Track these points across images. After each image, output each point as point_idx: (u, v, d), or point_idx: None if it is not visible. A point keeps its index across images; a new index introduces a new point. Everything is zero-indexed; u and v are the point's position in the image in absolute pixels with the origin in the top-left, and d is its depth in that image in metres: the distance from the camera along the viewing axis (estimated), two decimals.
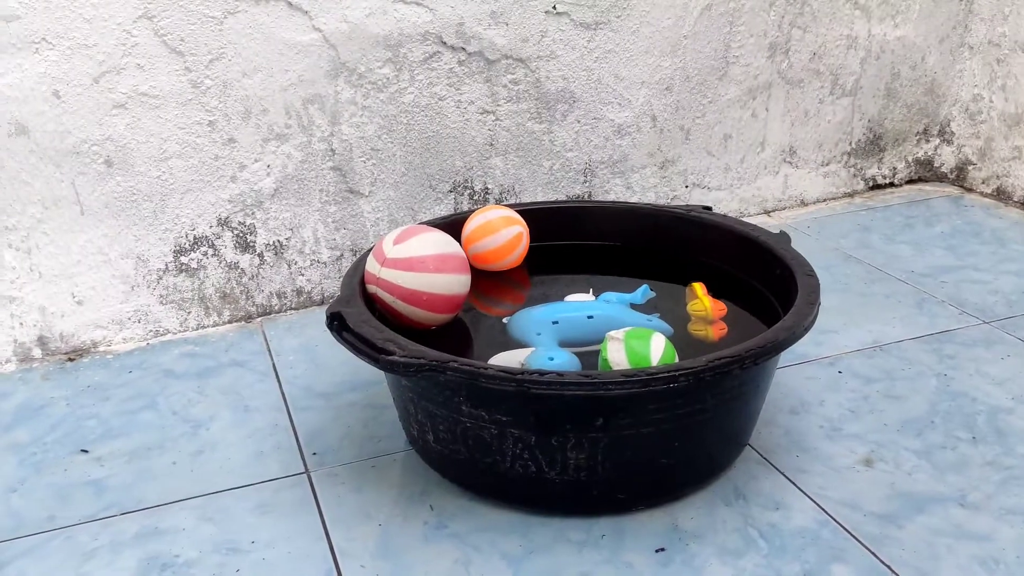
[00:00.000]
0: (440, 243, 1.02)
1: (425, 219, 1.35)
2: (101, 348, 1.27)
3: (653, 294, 1.10)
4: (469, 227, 1.16)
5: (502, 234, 1.15)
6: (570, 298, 1.10)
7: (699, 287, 1.08)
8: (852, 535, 0.88)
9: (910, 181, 1.81)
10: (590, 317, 1.02)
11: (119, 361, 1.24)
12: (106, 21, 1.15)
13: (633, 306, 1.08)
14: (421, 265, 0.99)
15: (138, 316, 1.28)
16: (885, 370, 1.16)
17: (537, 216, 1.21)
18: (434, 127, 1.37)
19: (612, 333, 0.92)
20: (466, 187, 1.42)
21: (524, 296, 1.17)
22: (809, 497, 0.93)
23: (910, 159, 1.79)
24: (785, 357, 0.95)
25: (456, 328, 1.05)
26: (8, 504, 0.96)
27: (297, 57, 1.25)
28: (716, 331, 1.05)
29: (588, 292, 1.11)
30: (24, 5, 1.11)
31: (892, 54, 1.67)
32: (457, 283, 1.02)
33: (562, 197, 1.49)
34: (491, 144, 1.41)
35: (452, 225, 1.15)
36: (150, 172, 1.22)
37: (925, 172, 1.81)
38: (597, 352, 0.97)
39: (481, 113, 1.39)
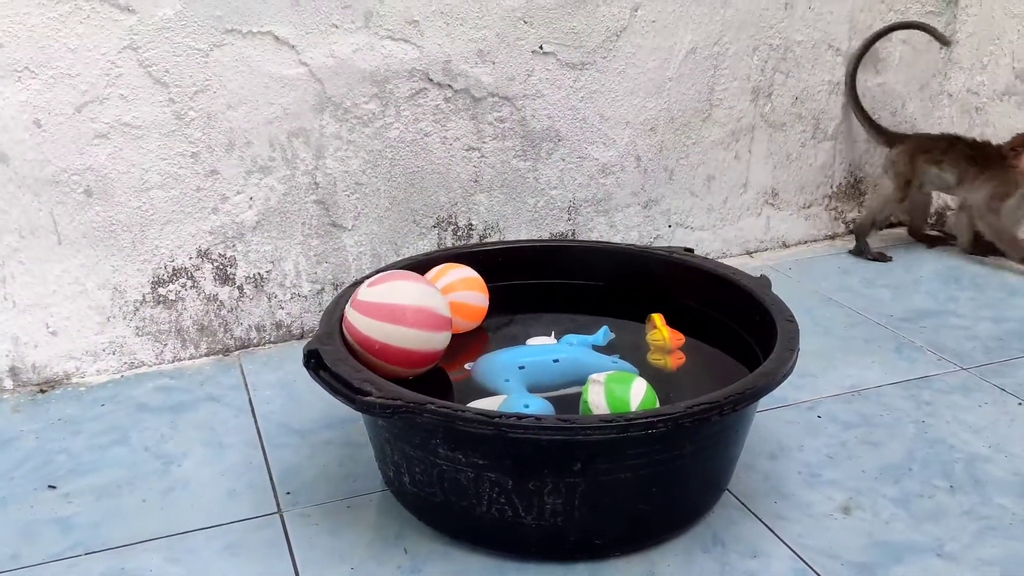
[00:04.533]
0: (414, 294, 0.98)
1: (408, 255, 1.34)
2: (74, 380, 1.25)
3: (613, 335, 1.11)
4: None
5: None
6: (532, 341, 1.09)
7: (658, 318, 1.10)
8: None
9: (890, 225, 1.82)
10: (556, 361, 1.02)
11: (92, 394, 1.22)
12: (90, 51, 1.14)
13: (595, 347, 1.08)
14: (378, 312, 0.95)
15: (113, 348, 1.26)
16: (863, 415, 1.16)
17: (518, 255, 1.22)
18: (419, 163, 1.37)
19: (594, 376, 0.91)
20: (450, 223, 1.42)
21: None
22: (787, 545, 0.92)
23: None
24: (764, 401, 0.95)
25: (430, 375, 1.03)
26: None
27: (283, 91, 1.25)
28: (674, 360, 1.06)
29: (550, 335, 1.11)
30: (7, 33, 1.10)
31: (873, 100, 1.69)
32: (417, 338, 0.96)
33: (546, 234, 1.49)
34: (476, 180, 1.41)
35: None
36: (130, 202, 1.21)
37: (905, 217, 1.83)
38: (566, 397, 0.96)
39: (466, 150, 1.39)
